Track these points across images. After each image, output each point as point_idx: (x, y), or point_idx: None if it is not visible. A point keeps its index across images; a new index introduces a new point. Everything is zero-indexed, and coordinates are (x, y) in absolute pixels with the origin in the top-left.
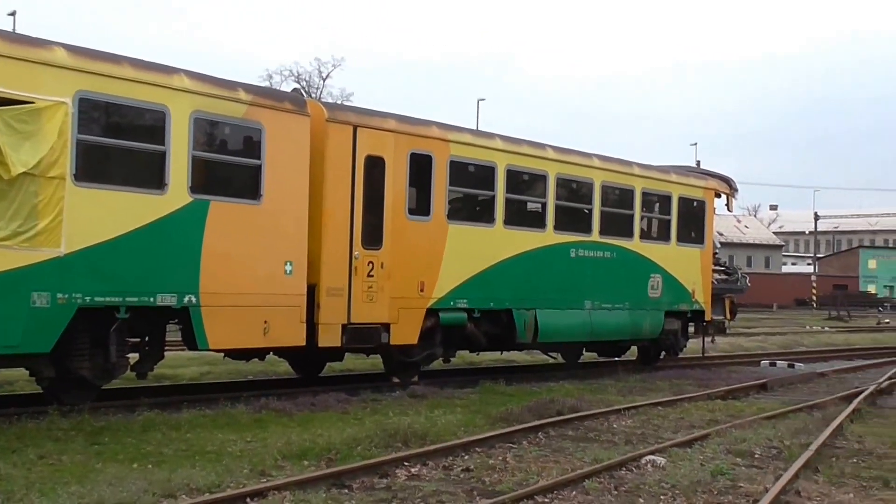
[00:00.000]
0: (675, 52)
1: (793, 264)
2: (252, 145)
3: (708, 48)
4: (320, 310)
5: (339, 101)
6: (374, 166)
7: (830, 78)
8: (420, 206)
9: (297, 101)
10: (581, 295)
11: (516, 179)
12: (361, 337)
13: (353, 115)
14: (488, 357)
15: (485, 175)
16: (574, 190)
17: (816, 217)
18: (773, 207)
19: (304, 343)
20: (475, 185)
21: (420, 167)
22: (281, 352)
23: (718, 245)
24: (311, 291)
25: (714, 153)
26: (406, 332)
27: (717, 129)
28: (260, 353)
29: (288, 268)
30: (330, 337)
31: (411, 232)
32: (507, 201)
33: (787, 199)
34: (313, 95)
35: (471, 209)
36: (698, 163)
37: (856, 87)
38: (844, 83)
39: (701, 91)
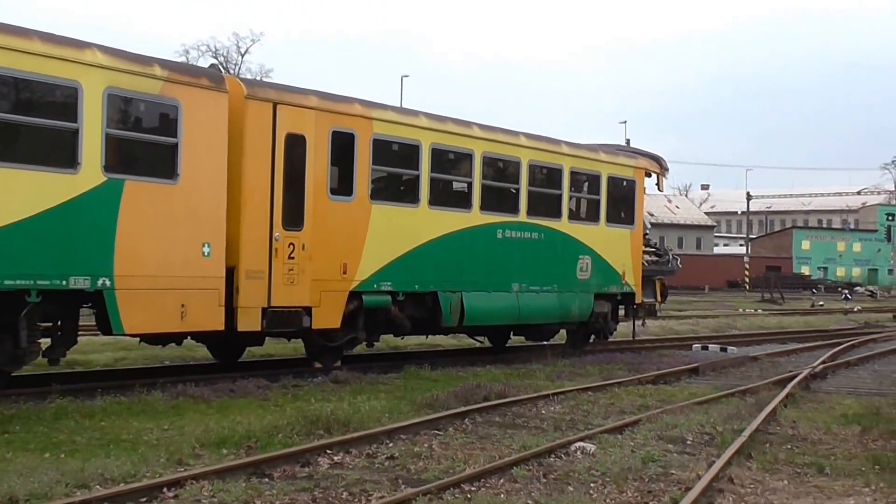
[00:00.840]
0: (607, 31)
1: (725, 245)
2: (168, 123)
3: (638, 26)
4: (239, 293)
5: (258, 78)
6: (295, 145)
7: (763, 57)
8: (342, 185)
9: (214, 77)
10: (508, 277)
11: (441, 158)
12: (282, 321)
13: (273, 92)
14: (413, 341)
15: (409, 154)
16: (501, 169)
17: (749, 197)
18: (705, 187)
19: (222, 327)
20: (399, 164)
21: (342, 146)
22: (199, 336)
23: (649, 226)
24: (230, 274)
25: (645, 132)
26: (328, 316)
27: (649, 107)
28: (177, 338)
29: (206, 250)
30: (249, 321)
31: (333, 212)
32: (432, 181)
33: (719, 179)
34: (231, 71)
35: (395, 189)
36: (628, 141)
37: (789, 66)
38: (778, 62)
39: (631, 70)
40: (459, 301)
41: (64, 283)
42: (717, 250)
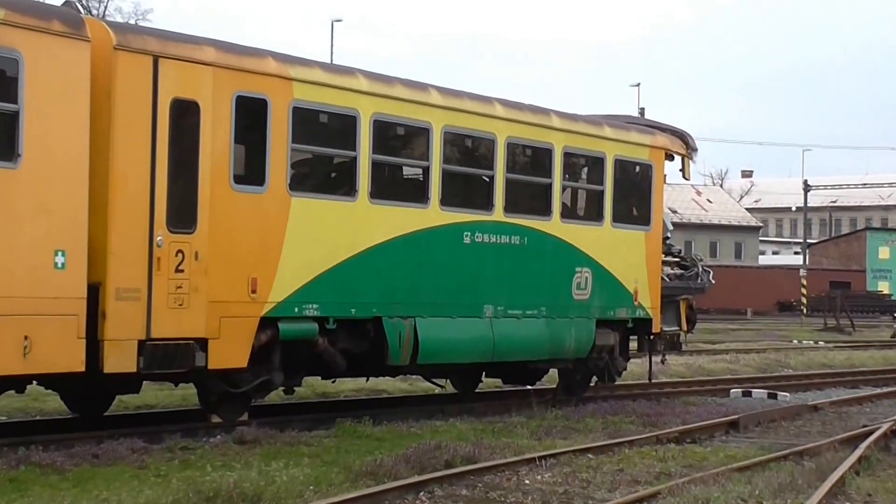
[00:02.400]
0: None
1: (774, 254)
2: (4, 83)
3: None
4: (106, 320)
5: (132, 21)
6: (185, 114)
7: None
8: (251, 171)
9: (70, 20)
10: (479, 297)
11: (387, 134)
12: (166, 358)
13: (154, 41)
14: (349, 385)
15: (343, 127)
16: (469, 149)
17: (807, 187)
18: (747, 174)
19: (83, 368)
20: (330, 141)
21: (251, 116)
22: (50, 381)
23: (671, 227)
24: (94, 294)
25: (665, 99)
26: (231, 352)
27: (670, 65)
28: (18, 383)
29: (59, 259)
30: (120, 359)
31: (238, 208)
32: (375, 165)
33: (766, 163)
34: (95, 14)
35: (324, 176)
36: (642, 111)
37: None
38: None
39: (649, 13)
40: (412, 330)
41: None
42: (763, 260)
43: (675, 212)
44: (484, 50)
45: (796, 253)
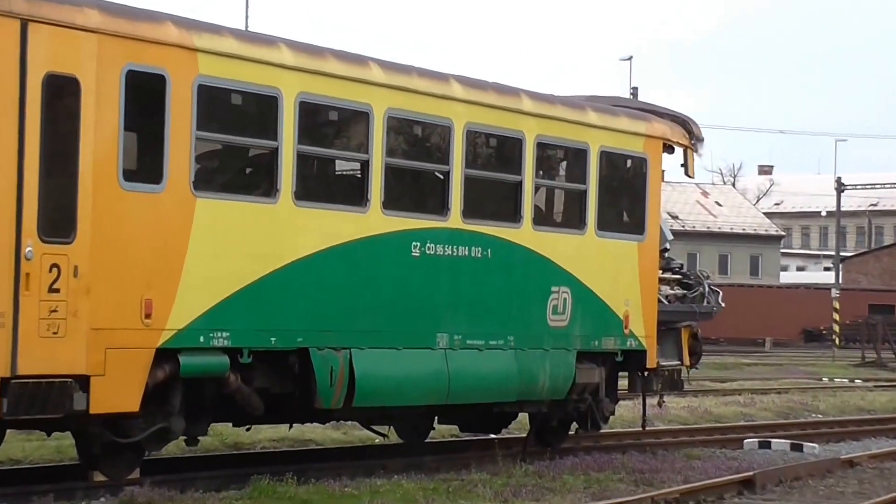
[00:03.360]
0: None
1: (799, 270)
2: None
3: None
4: None
5: None
6: (62, 93)
7: None
8: (145, 165)
9: None
10: (431, 324)
11: (317, 119)
12: (37, 400)
13: (22, 2)
14: (267, 434)
15: (262, 111)
16: (419, 139)
17: (840, 187)
18: (766, 170)
19: None
20: (244, 128)
21: (145, 96)
22: None
23: (670, 236)
24: None
25: (660, 78)
26: (118, 392)
27: (668, 36)
28: None
29: None
30: None
31: (129, 211)
32: (302, 158)
33: (789, 157)
34: None
35: (237, 172)
36: (634, 92)
37: None
38: None
39: None
40: (347, 365)
41: None
42: (785, 278)
43: (675, 217)
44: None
45: (827, 269)
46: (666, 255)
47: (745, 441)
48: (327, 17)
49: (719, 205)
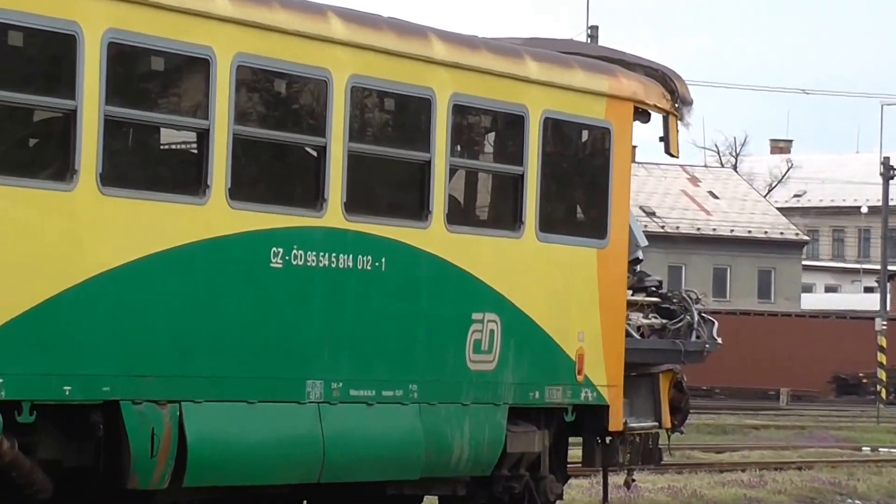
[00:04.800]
0: None
1: (829, 290)
2: None
3: None
4: None
5: None
6: None
7: None
8: None
9: None
10: (299, 366)
11: (134, 70)
12: None
13: None
14: None
15: (54, 57)
16: (283, 98)
17: (888, 171)
18: (782, 147)
19: None
20: (27, 83)
21: None
22: None
23: (643, 241)
24: None
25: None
26: None
27: None
28: None
29: None
30: None
31: None
32: (112, 126)
33: (813, 128)
34: None
35: (16, 146)
36: (593, 32)
37: None
38: None
39: None
40: (175, 426)
41: None
42: (808, 301)
43: (652, 214)
44: None
45: (868, 289)
46: (638, 268)
47: None
48: None
49: (715, 196)
